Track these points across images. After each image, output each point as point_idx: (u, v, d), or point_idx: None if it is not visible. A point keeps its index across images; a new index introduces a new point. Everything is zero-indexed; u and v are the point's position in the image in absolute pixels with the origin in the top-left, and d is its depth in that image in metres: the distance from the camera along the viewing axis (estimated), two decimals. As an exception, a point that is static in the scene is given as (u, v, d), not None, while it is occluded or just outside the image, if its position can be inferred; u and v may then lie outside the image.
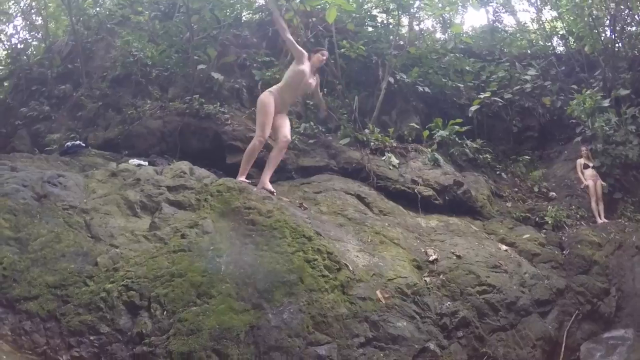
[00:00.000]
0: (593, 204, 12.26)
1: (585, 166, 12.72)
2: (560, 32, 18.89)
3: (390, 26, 15.90)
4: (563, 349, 8.76)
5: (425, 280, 7.97)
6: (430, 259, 8.44)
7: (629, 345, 8.78)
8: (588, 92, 14.02)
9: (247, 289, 6.39)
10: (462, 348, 7.63)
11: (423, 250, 8.68)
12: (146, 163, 10.27)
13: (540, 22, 20.38)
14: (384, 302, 7.15)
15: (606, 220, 12.06)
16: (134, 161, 10.27)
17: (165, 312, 6.07)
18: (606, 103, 13.77)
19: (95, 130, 13.84)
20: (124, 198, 7.88)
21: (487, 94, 14.27)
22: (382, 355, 6.71)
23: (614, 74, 15.43)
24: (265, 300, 6.37)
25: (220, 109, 12.30)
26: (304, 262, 6.82)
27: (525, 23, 22.29)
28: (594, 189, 12.34)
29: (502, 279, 8.74)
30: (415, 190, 10.60)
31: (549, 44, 19.00)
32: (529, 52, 18.07)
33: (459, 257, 8.70)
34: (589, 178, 12.50)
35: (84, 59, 15.55)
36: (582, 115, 13.76)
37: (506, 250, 9.60)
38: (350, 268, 7.24)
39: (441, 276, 8.18)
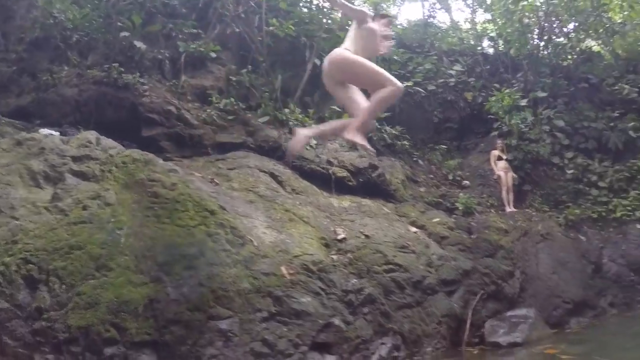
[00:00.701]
0: (503, 194, 12.81)
1: (499, 158, 13.24)
2: (491, 34, 19.47)
3: (324, 9, 15.85)
4: (468, 326, 9.24)
5: (332, 258, 8.06)
6: (339, 237, 8.54)
7: (530, 323, 9.33)
8: (507, 90, 14.66)
9: (147, 261, 6.28)
10: (368, 323, 7.83)
11: (332, 229, 8.77)
12: (57, 133, 9.81)
13: (473, 23, 21.02)
14: (288, 278, 7.18)
15: (514, 209, 12.62)
16: (44, 131, 9.77)
17: (63, 286, 5.91)
18: (523, 102, 14.46)
19: (7, 96, 13.12)
20: (27, 168, 7.53)
21: (410, 83, 14.48)
22: (285, 329, 6.77)
23: (535, 78, 16.16)
24: (164, 273, 6.26)
25: (139, 80, 11.83)
26: (205, 235, 6.75)
27: (458, 22, 22.88)
28: (505, 179, 12.90)
29: (409, 259, 9.00)
30: (330, 171, 10.76)
31: (478, 43, 19.56)
32: (458, 49, 18.44)
33: (367, 236, 8.86)
34: (502, 169, 13.04)
35: (2, 18, 14.61)
36: (500, 112, 14.37)
37: (416, 232, 9.90)
38: (256, 244, 7.22)
39: (349, 254, 8.31)
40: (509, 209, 12.56)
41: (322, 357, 7.10)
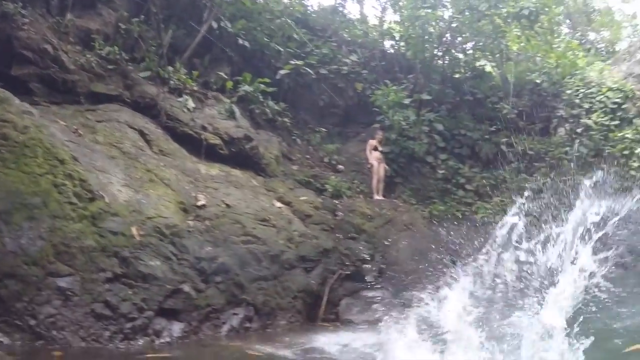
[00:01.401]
0: (374, 182, 13.21)
1: (375, 148, 13.60)
2: (394, 34, 19.89)
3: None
4: (324, 302, 9.58)
5: (188, 224, 7.94)
6: (199, 203, 8.44)
7: (384, 304, 9.66)
8: (394, 87, 15.03)
9: (-16, 208, 5.88)
10: (220, 293, 7.84)
11: (194, 194, 8.64)
12: None
13: (381, 20, 21.36)
14: (138, 239, 7.00)
15: (382, 198, 13.03)
16: None
17: None
18: (407, 101, 14.92)
19: None
20: None
21: (301, 63, 14.50)
22: (130, 292, 6.61)
23: (425, 82, 16.77)
24: (3, 222, 5.91)
25: (20, 10, 10.79)
26: (51, 185, 6.42)
27: (367, 16, 23.11)
28: (377, 169, 13.30)
29: (269, 232, 9.07)
30: (202, 137, 10.53)
31: (380, 40, 19.84)
32: (359, 41, 18.61)
33: (228, 206, 8.81)
34: (375, 159, 13.40)
35: None
36: (384, 107, 14.75)
37: (280, 208, 9.98)
38: (107, 200, 6.96)
39: (207, 222, 8.23)
40: (377, 197, 12.97)
41: (169, 323, 7.04)
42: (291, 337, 7.85)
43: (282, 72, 13.99)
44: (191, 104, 10.94)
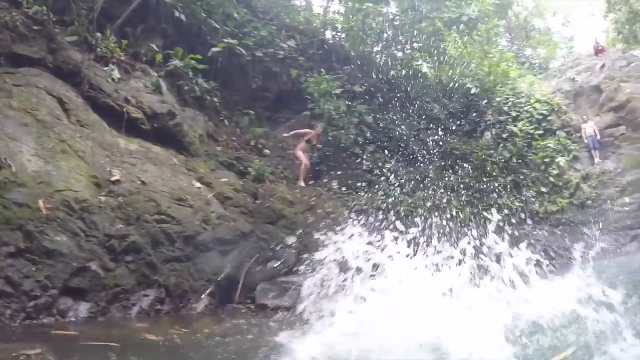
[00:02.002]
0: (301, 168, 13.22)
1: (309, 141, 13.61)
2: (337, 26, 20.00)
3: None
4: (240, 286, 9.44)
5: (100, 199, 7.69)
6: (113, 179, 8.18)
7: (299, 290, 9.75)
8: (327, 76, 15.09)
9: None
10: (130, 273, 7.61)
11: (109, 169, 8.36)
12: None
13: (326, 10, 21.37)
14: (45, 212, 6.73)
15: (305, 185, 13.10)
16: None
17: None
18: (338, 91, 15.01)
19: None
20: None
21: (235, 42, 14.23)
22: (34, 269, 6.34)
23: (360, 74, 16.99)
24: None
25: None
26: (-49, 150, 6.12)
27: (313, 4, 23.12)
28: (303, 157, 13.31)
29: (185, 212, 8.88)
30: (124, 110, 10.14)
31: (322, 29, 19.87)
32: (301, 27, 18.56)
33: (144, 183, 8.58)
34: (301, 149, 13.42)
35: None
36: (316, 94, 14.77)
37: (199, 188, 9.80)
38: (14, 169, 6.68)
39: (120, 198, 7.98)
40: (301, 184, 13.04)
41: (75, 303, 6.81)
42: (202, 322, 7.72)
43: (214, 49, 13.73)
44: (116, 74, 10.50)
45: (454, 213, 14.81)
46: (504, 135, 18.06)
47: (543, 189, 16.72)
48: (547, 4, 36.67)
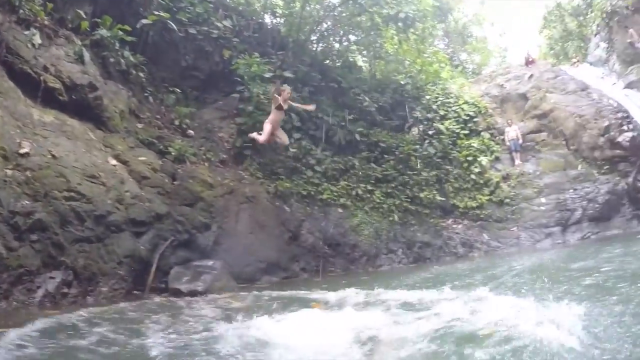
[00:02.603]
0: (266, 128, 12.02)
1: (279, 107, 12.10)
2: (276, 11, 19.80)
3: None
4: (154, 270, 9.27)
5: (5, 172, 7.39)
6: (22, 151, 7.85)
7: (214, 274, 9.77)
8: (258, 59, 14.89)
9: None
10: (36, 253, 7.38)
11: (18, 141, 8.00)
12: None
13: None
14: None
15: (224, 167, 12.88)
16: None
17: None
18: (268, 75, 14.86)
19: None
20: None
21: (167, 16, 13.65)
22: None
23: (294, 61, 16.88)
24: None
25: None
26: None
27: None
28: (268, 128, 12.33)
29: (97, 190, 8.65)
30: (42, 78, 9.60)
31: (262, 13, 19.56)
32: (240, 8, 18.09)
33: (55, 157, 8.27)
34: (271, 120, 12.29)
35: None
36: (246, 77, 14.59)
37: (115, 166, 9.55)
38: None
39: (27, 172, 7.69)
40: (256, 136, 11.68)
41: None
42: (107, 306, 7.45)
43: (144, 21, 13.20)
44: (38, 39, 9.91)
45: (377, 202, 15.24)
46: (431, 132, 18.60)
47: (465, 186, 17.36)
48: (487, 14, 38.05)
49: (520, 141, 18.12)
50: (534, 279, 8.25)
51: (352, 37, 20.67)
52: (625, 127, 17.07)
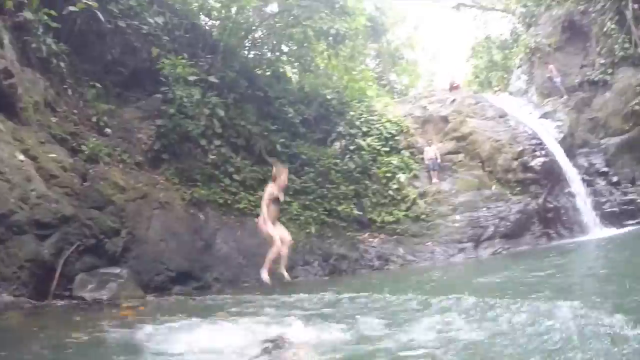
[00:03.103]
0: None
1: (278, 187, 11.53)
2: (213, 12, 19.56)
3: None
4: (57, 276, 8.92)
5: None
6: None
7: (120, 283, 9.53)
8: (184, 61, 14.63)
9: None
10: None
11: None
12: None
13: None
14: None
15: (140, 171, 12.59)
16: None
17: None
18: (193, 78, 14.63)
19: None
20: None
21: (96, 5, 12.73)
22: None
23: (222, 66, 16.78)
24: None
25: None
26: None
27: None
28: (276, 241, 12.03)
29: (0, 187, 8.25)
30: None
31: (197, 12, 19.20)
32: (176, 6, 17.66)
33: (-47, 149, 7.78)
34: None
35: None
36: (170, 78, 14.28)
37: (22, 162, 9.07)
38: None
39: None
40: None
41: None
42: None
43: (71, 8, 12.42)
44: None
45: (294, 214, 15.34)
46: (352, 147, 19.04)
47: (382, 201, 17.84)
48: (420, 39, 39.41)
49: (439, 160, 18.91)
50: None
51: (284, 48, 20.86)
52: (538, 153, 18.25)
